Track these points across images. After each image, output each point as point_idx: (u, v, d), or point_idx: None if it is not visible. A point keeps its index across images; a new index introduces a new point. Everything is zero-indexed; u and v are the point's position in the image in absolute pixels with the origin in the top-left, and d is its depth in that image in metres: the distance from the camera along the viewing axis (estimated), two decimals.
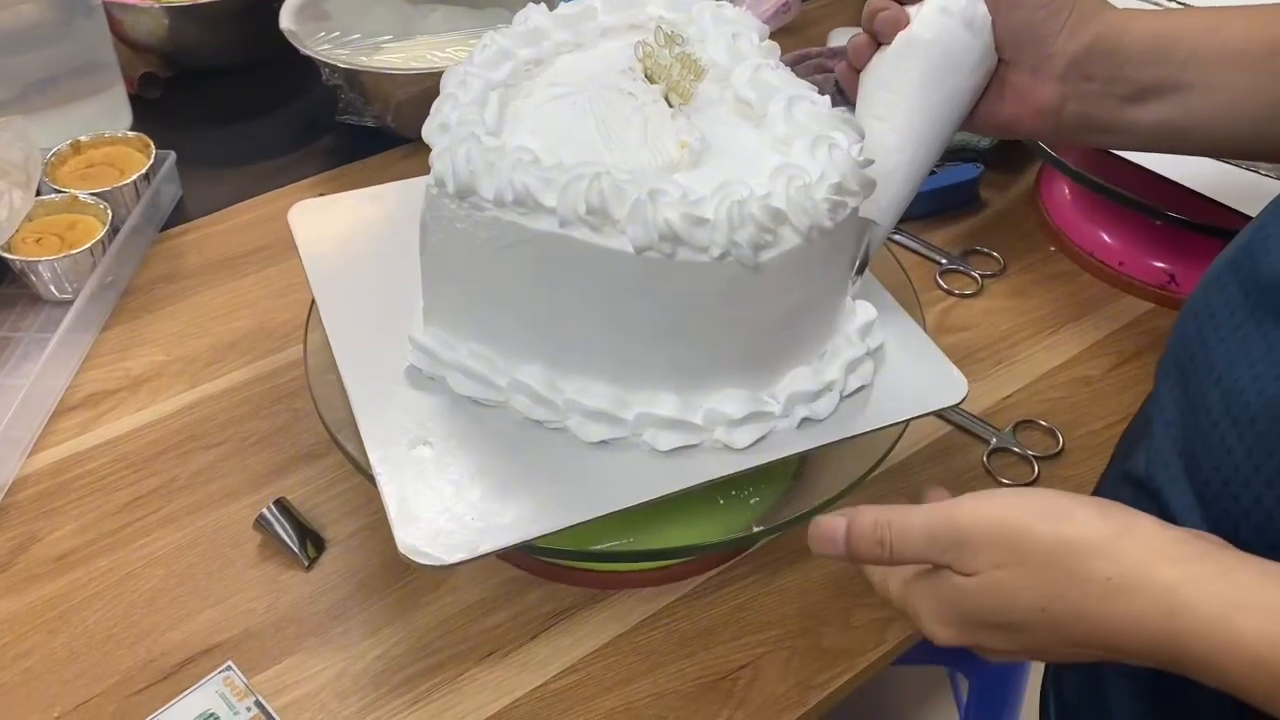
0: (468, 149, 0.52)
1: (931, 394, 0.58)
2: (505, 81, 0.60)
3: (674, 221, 0.48)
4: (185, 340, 0.79)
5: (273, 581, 0.64)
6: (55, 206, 0.82)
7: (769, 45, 0.62)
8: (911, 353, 0.60)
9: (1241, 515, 0.45)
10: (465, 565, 0.50)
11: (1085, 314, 0.82)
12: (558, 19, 0.64)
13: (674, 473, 0.53)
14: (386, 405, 0.57)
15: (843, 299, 0.59)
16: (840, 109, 0.57)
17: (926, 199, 0.90)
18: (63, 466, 0.70)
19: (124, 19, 0.99)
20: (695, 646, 0.61)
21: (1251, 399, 0.45)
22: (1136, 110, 0.59)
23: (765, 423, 0.54)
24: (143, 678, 0.59)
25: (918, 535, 0.44)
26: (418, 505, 0.52)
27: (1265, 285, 0.46)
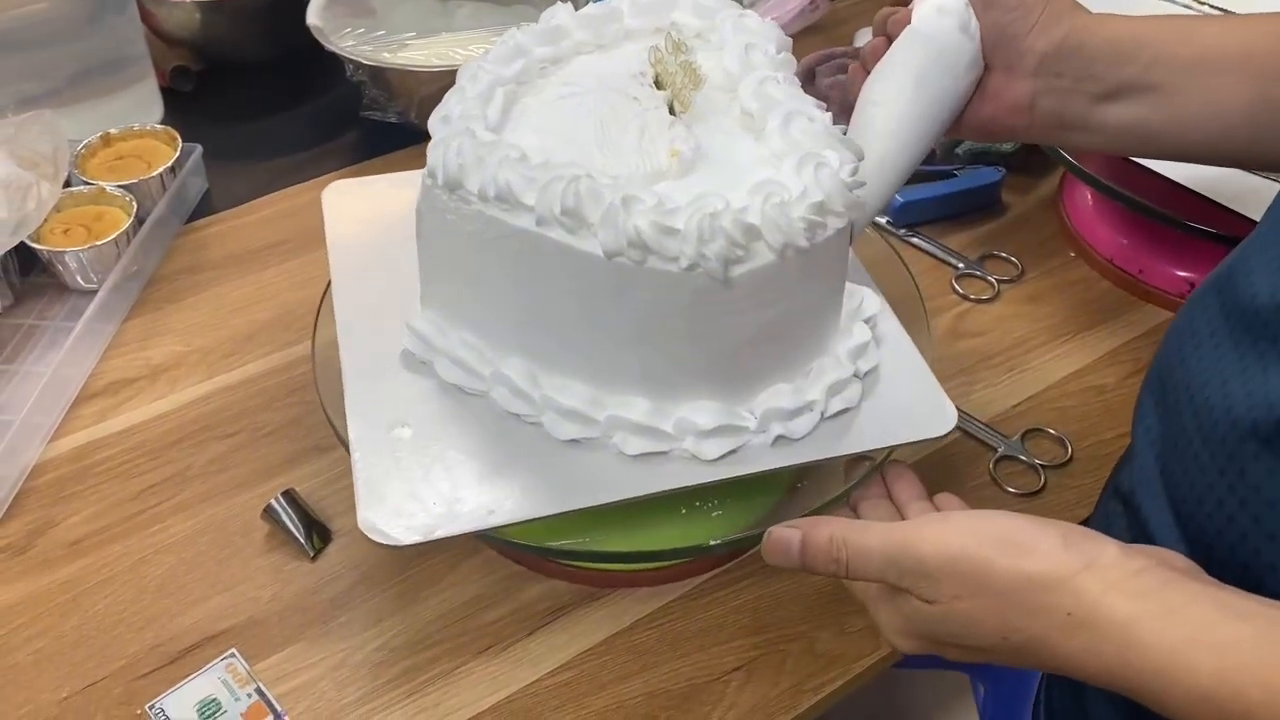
0: (460, 143, 0.53)
1: (917, 423, 0.57)
2: (516, 78, 0.61)
3: (643, 229, 0.48)
4: (205, 331, 0.80)
5: (279, 571, 0.65)
6: (83, 198, 0.84)
7: (784, 58, 0.61)
8: (906, 377, 0.59)
9: (1215, 535, 0.45)
10: (420, 546, 0.52)
11: (1102, 322, 0.81)
12: (581, 19, 0.65)
13: (639, 478, 0.54)
14: (376, 385, 0.58)
15: (833, 318, 0.58)
16: (839, 127, 0.57)
17: (947, 202, 0.90)
18: (82, 453, 0.72)
19: (157, 12, 1.01)
20: (690, 647, 0.62)
21: (1221, 418, 0.45)
22: (1106, 109, 0.59)
23: (737, 436, 0.54)
24: (149, 662, 0.61)
25: (875, 558, 0.44)
26: (386, 485, 0.53)
27: (1244, 308, 0.46)
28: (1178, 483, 0.48)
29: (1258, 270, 0.46)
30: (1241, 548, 0.44)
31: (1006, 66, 0.60)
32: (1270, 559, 0.43)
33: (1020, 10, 0.58)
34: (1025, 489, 0.70)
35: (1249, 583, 0.45)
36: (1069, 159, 0.82)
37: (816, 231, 0.51)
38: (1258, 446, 0.43)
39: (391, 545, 0.51)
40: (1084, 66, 0.58)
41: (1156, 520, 0.49)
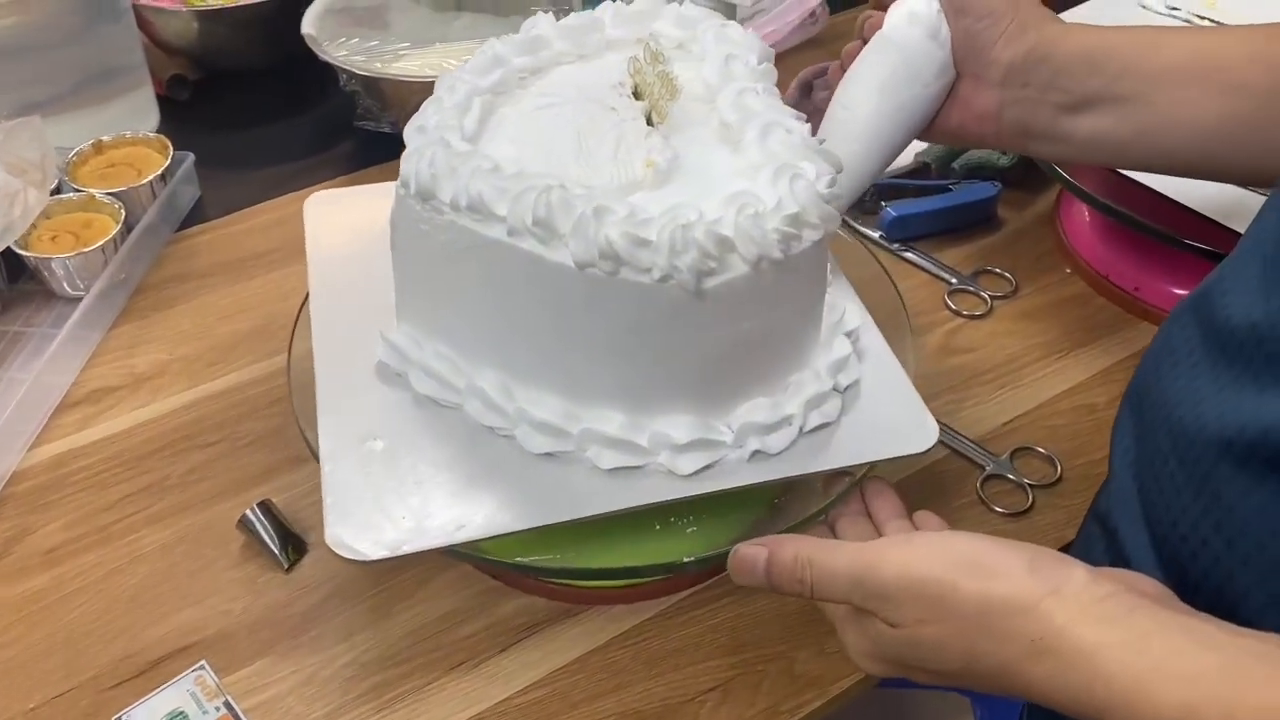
0: (434, 153, 0.52)
1: (898, 439, 0.56)
2: (494, 88, 0.60)
3: (615, 240, 0.48)
4: (190, 340, 0.80)
5: (252, 583, 0.65)
6: (72, 205, 0.84)
7: (765, 69, 0.61)
8: (888, 392, 0.58)
9: (1190, 558, 0.44)
10: (390, 562, 0.51)
11: (1096, 339, 0.80)
12: (562, 29, 0.64)
13: (613, 493, 0.53)
14: (350, 398, 0.58)
15: (812, 331, 0.57)
16: (817, 139, 0.57)
17: (942, 217, 0.89)
18: (61, 461, 0.71)
19: (155, 21, 1.01)
20: (665, 667, 0.61)
21: (1195, 439, 0.44)
22: (1073, 120, 0.59)
23: (713, 451, 0.53)
24: (118, 673, 0.60)
25: (840, 580, 0.43)
26: (355, 499, 0.53)
27: (1219, 327, 0.45)
28: (1154, 504, 0.47)
29: (1233, 290, 0.45)
30: (1215, 572, 0.43)
31: (975, 75, 0.60)
32: (1243, 585, 0.42)
33: (989, 19, 0.58)
34: (1013, 509, 0.68)
35: (1222, 609, 0.43)
36: (1064, 176, 0.81)
37: (791, 244, 0.50)
38: (1231, 469, 0.42)
39: (358, 561, 0.50)
40: (1050, 78, 0.58)
41: (1133, 543, 0.48)
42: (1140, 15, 0.92)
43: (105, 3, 0.91)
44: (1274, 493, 0.41)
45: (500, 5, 1.07)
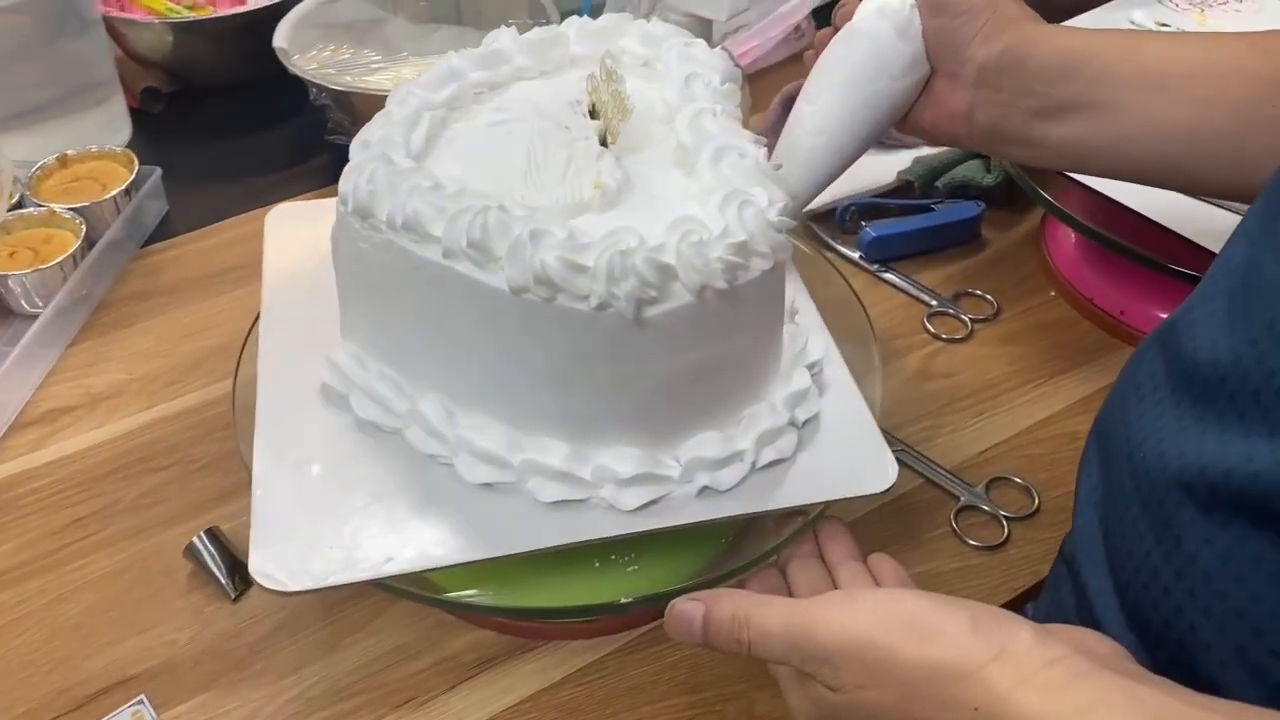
0: (374, 168, 0.50)
1: (854, 479, 0.53)
2: (447, 103, 0.59)
3: (550, 265, 0.46)
4: (150, 359, 0.78)
5: (198, 612, 0.63)
6: (33, 220, 0.82)
7: (728, 89, 0.59)
8: (848, 429, 0.56)
9: (1151, 607, 0.42)
10: (313, 594, 0.50)
11: (1079, 365, 0.78)
12: (524, 44, 0.63)
13: (553, 527, 0.51)
14: (291, 418, 0.56)
15: (768, 362, 0.55)
16: (772, 164, 0.55)
17: (923, 236, 0.87)
18: (10, 484, 0.69)
19: (128, 33, 1.00)
20: (620, 706, 0.58)
21: (1157, 480, 0.41)
22: (1045, 126, 0.57)
23: (659, 486, 0.51)
24: (54, 707, 0.58)
25: (778, 641, 0.41)
26: (284, 526, 0.51)
27: (1184, 362, 0.43)
28: (1117, 549, 0.45)
29: (1199, 323, 0.43)
30: (1178, 623, 0.41)
31: (950, 73, 0.58)
32: (1205, 638, 0.40)
33: (965, 16, 0.57)
34: (987, 541, 0.66)
35: (1184, 662, 0.41)
36: (1047, 199, 0.79)
37: (738, 273, 0.48)
38: (1194, 513, 0.40)
39: (280, 592, 0.48)
40: (1022, 82, 0.57)
41: (1096, 586, 0.45)
42: None
43: (72, 17, 0.90)
44: (1238, 539, 0.39)
45: (480, 19, 1.05)
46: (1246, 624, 0.39)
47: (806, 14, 1.05)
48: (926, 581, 0.64)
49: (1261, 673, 0.39)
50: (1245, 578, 0.39)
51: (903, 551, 0.65)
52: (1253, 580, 0.39)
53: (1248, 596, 0.39)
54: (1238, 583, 0.39)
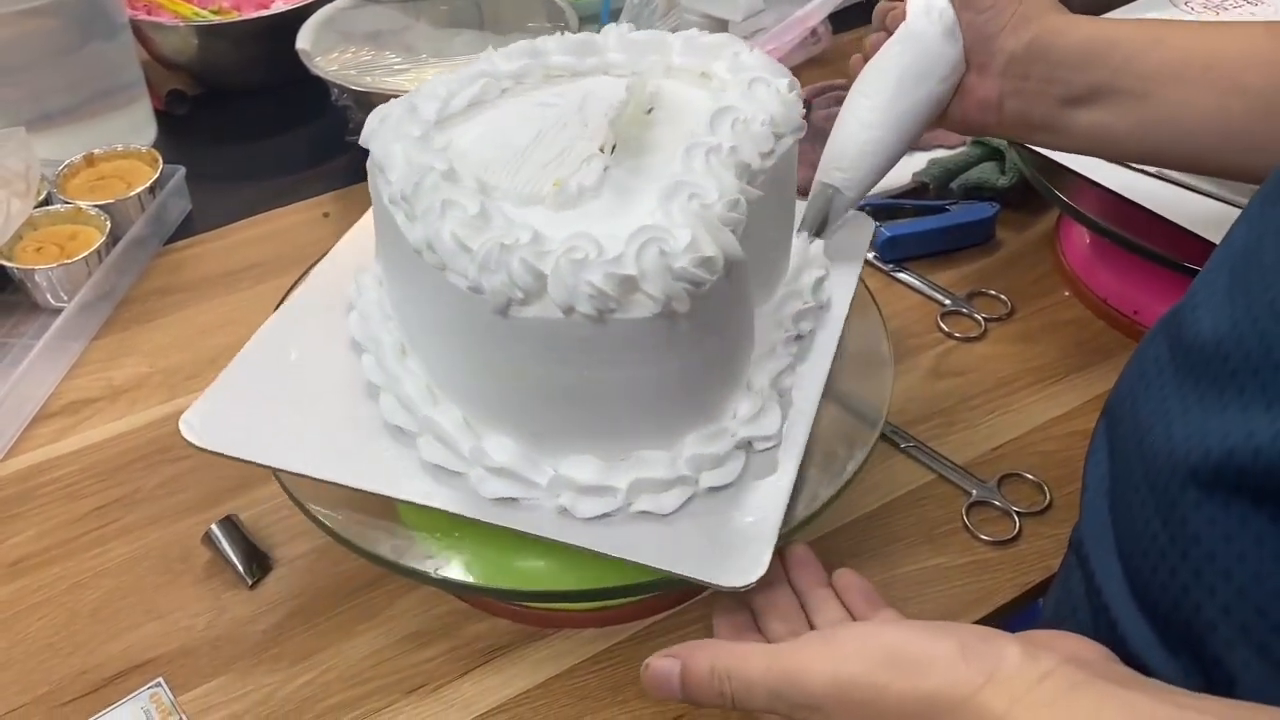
0: (400, 119, 0.54)
1: (712, 559, 0.50)
2: (515, 75, 0.61)
3: (513, 271, 0.47)
4: (170, 353, 0.79)
5: (215, 599, 0.63)
6: (59, 217, 0.84)
7: (793, 98, 0.58)
8: (758, 494, 0.53)
9: (1160, 590, 0.42)
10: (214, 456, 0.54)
11: (1092, 364, 0.78)
12: (622, 41, 0.63)
13: (446, 498, 0.52)
14: (298, 325, 0.61)
15: (730, 375, 0.53)
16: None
17: (939, 237, 0.87)
18: (33, 472, 0.71)
19: (154, 36, 1.01)
20: (630, 693, 0.59)
21: (1164, 464, 0.41)
22: (1072, 112, 0.59)
23: (609, 498, 0.50)
24: (73, 689, 0.59)
25: (761, 692, 0.41)
26: (238, 392, 0.56)
27: (1188, 345, 0.43)
28: (1125, 534, 0.45)
29: (1202, 305, 0.43)
30: (1184, 603, 0.41)
31: (979, 65, 0.60)
32: (1210, 616, 0.40)
33: (992, 11, 0.59)
34: (999, 536, 0.66)
35: (1191, 640, 0.41)
36: (1063, 199, 0.79)
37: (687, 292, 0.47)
38: (1198, 494, 0.40)
39: (193, 445, 0.53)
40: (1050, 70, 0.58)
41: (1104, 573, 0.45)
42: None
43: (101, 20, 0.92)
44: (1240, 519, 0.39)
45: (499, 23, 1.07)
46: (1250, 602, 0.39)
47: (823, 18, 1.06)
48: (938, 576, 0.64)
49: (1266, 650, 0.39)
50: (1248, 557, 0.39)
51: (914, 546, 0.66)
52: (1255, 559, 0.39)
53: (1251, 576, 0.39)
54: (1240, 562, 0.39)
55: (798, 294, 0.59)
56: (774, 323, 0.57)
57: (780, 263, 0.60)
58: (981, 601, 0.63)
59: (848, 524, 0.67)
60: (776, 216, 0.57)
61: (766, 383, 0.54)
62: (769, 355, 0.56)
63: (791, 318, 0.58)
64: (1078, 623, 0.51)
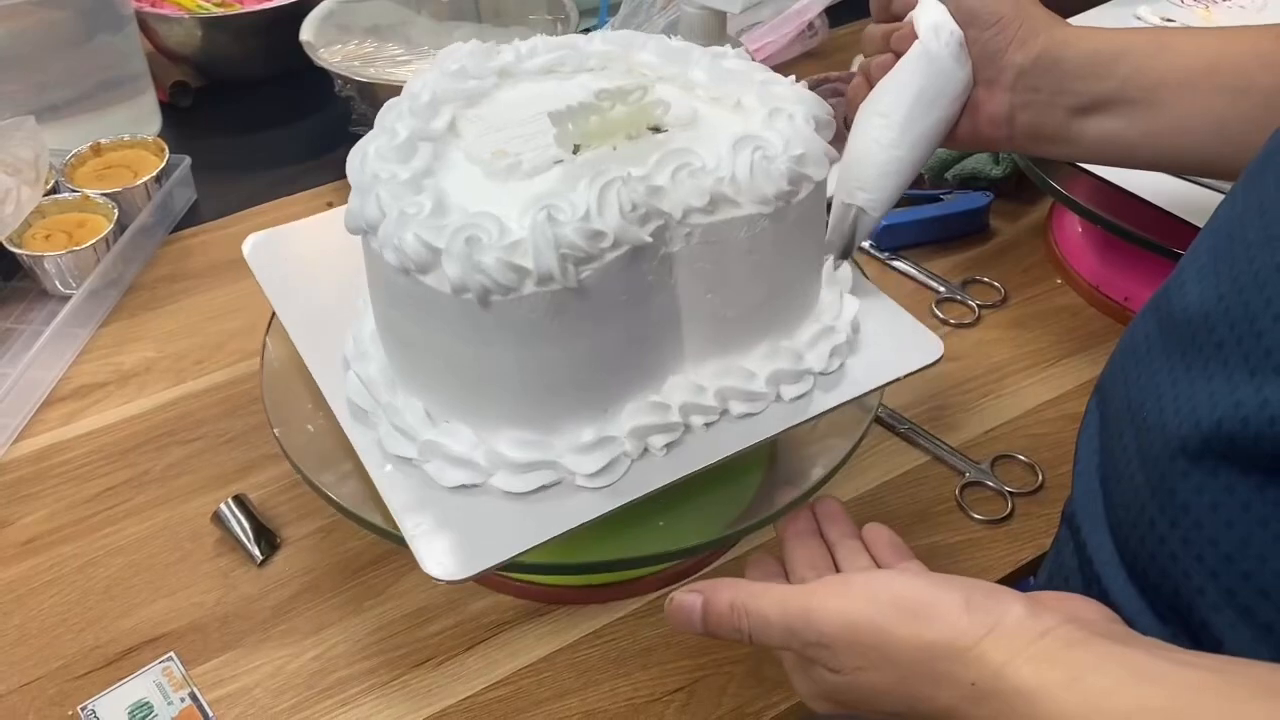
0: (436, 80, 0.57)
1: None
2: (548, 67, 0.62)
3: (407, 244, 0.48)
4: (177, 339, 0.80)
5: (225, 576, 0.65)
6: (68, 205, 0.85)
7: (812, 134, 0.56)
8: None
9: (1149, 559, 0.43)
10: None
11: (1084, 349, 0.79)
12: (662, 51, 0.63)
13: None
14: None
15: (633, 360, 0.54)
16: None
17: (933, 226, 0.88)
18: (43, 454, 0.72)
19: (158, 28, 1.02)
20: (632, 666, 0.60)
21: (1155, 436, 0.43)
22: (1083, 122, 0.60)
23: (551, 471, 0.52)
24: (86, 663, 0.60)
25: (776, 628, 0.43)
26: None
27: (1176, 319, 0.44)
28: (1115, 506, 0.46)
29: (1188, 280, 0.45)
30: (1173, 570, 0.42)
31: (987, 81, 0.60)
32: (1198, 583, 0.41)
33: (997, 27, 0.59)
34: (992, 515, 0.68)
35: (1180, 606, 0.43)
36: (1056, 187, 0.81)
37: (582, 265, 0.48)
38: (1186, 464, 0.41)
39: None
40: (1060, 81, 0.59)
41: (1096, 542, 0.47)
42: (1135, 27, 0.92)
43: (107, 12, 0.93)
44: (1226, 487, 0.40)
45: (501, 15, 1.08)
46: (1236, 568, 0.40)
47: (819, 12, 1.07)
48: (933, 553, 0.65)
49: (1251, 613, 0.40)
50: (1234, 523, 0.40)
51: (909, 525, 0.67)
52: (1241, 526, 0.40)
53: (1237, 542, 0.40)
54: (1227, 529, 0.40)
55: (830, 330, 0.58)
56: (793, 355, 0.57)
57: (804, 302, 0.59)
58: (976, 578, 0.64)
59: (846, 504, 0.68)
60: (802, 253, 0.57)
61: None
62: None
63: (827, 354, 0.57)
64: (1069, 590, 0.52)
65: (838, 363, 0.57)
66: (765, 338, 0.56)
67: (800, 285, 0.58)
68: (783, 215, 0.53)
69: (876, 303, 0.61)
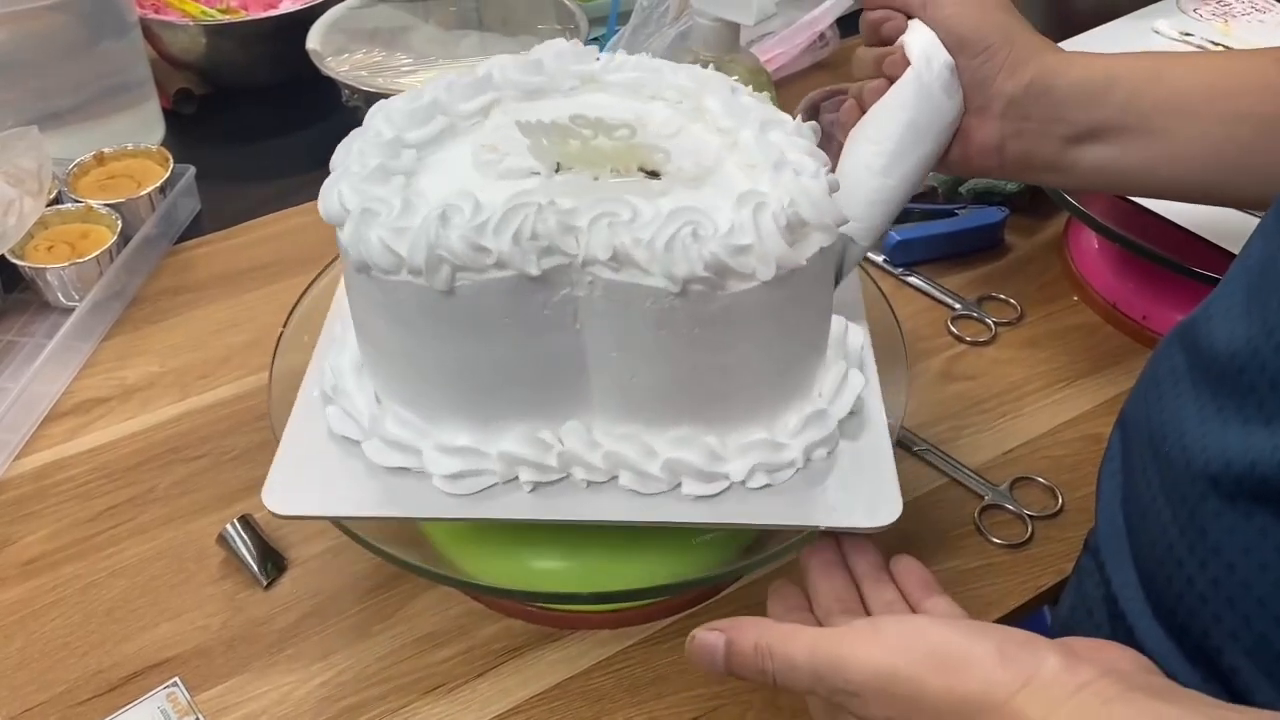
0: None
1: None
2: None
3: (372, 243, 0.49)
4: (181, 352, 0.79)
5: (230, 599, 0.63)
6: (70, 216, 0.84)
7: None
8: None
9: (1176, 597, 0.42)
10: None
11: (1102, 368, 0.78)
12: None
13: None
14: None
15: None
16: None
17: (947, 241, 0.87)
18: (45, 471, 0.71)
19: (162, 35, 1.01)
20: (646, 695, 0.59)
21: (1181, 471, 0.42)
22: (1076, 151, 0.58)
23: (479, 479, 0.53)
24: (89, 688, 0.59)
25: (803, 672, 0.41)
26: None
27: (1204, 356, 0.43)
28: (1141, 542, 0.45)
29: (1217, 317, 0.44)
30: (1202, 612, 0.41)
31: (977, 109, 0.59)
32: (1230, 626, 0.40)
33: (985, 54, 0.57)
34: (1011, 540, 0.66)
35: (1209, 649, 0.42)
36: (1073, 203, 0.80)
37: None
38: (1218, 504, 0.40)
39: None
40: (1052, 110, 0.57)
41: (1121, 579, 0.46)
42: (1153, 41, 0.91)
43: (112, 17, 0.92)
44: (1260, 529, 0.39)
45: (509, 24, 1.07)
46: (1269, 612, 0.39)
47: (830, 23, 1.06)
48: (951, 579, 0.64)
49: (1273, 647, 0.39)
50: (1269, 567, 0.39)
51: (927, 549, 0.66)
52: (1275, 569, 0.39)
53: (1271, 585, 0.39)
54: (1261, 572, 0.39)
55: (776, 447, 0.54)
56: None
57: (748, 405, 0.54)
58: (995, 604, 0.63)
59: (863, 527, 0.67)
60: (737, 355, 0.51)
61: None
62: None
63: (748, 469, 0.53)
64: (1094, 624, 0.51)
65: (763, 481, 0.53)
66: (685, 423, 0.53)
67: (739, 386, 0.53)
68: (701, 302, 0.48)
69: (870, 437, 0.55)
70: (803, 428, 0.53)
